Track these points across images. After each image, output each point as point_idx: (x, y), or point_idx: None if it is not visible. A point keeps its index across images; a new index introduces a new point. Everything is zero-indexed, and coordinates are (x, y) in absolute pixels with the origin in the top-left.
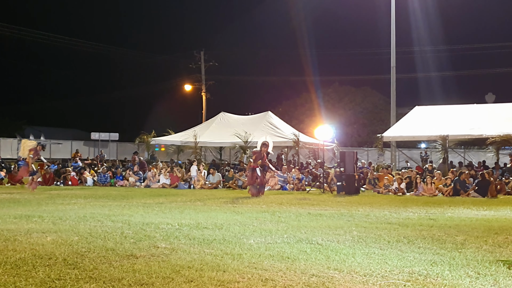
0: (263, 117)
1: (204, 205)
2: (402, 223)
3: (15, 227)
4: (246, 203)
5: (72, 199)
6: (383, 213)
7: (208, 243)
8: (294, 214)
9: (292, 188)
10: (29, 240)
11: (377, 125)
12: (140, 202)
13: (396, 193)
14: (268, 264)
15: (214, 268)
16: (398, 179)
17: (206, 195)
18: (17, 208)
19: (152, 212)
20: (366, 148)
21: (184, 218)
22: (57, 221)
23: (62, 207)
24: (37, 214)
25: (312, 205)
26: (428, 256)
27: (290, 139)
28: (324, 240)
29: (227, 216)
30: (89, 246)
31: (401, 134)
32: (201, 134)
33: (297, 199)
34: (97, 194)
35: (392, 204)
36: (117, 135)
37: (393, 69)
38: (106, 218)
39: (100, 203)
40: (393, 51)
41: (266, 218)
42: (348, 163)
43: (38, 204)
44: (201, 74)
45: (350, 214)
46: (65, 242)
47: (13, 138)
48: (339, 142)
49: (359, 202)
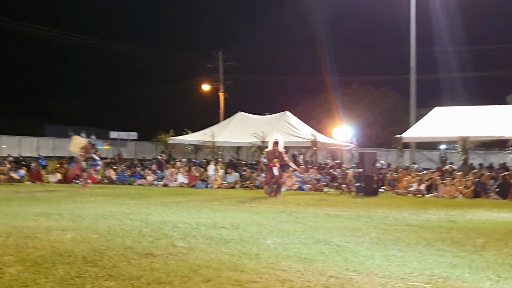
0: (281, 117)
1: (221, 205)
2: (422, 225)
3: (35, 225)
4: (263, 203)
5: (91, 197)
6: (402, 215)
7: (226, 242)
8: (312, 215)
9: (310, 188)
10: (49, 238)
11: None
12: (158, 201)
13: (415, 194)
14: (286, 265)
15: (232, 268)
16: (417, 180)
17: (223, 194)
18: (37, 206)
19: (170, 211)
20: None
21: (202, 217)
22: (77, 219)
23: (81, 205)
24: (57, 211)
25: (330, 206)
26: (448, 258)
27: (308, 140)
28: (342, 241)
29: (244, 216)
30: (108, 244)
31: (420, 135)
32: (218, 134)
33: (314, 199)
34: (116, 193)
35: (412, 206)
36: (136, 134)
37: (412, 69)
38: (125, 217)
39: (119, 202)
40: (412, 51)
41: (283, 219)
42: (367, 164)
43: (57, 201)
44: (219, 74)
45: (369, 215)
46: (84, 240)
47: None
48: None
49: (377, 204)
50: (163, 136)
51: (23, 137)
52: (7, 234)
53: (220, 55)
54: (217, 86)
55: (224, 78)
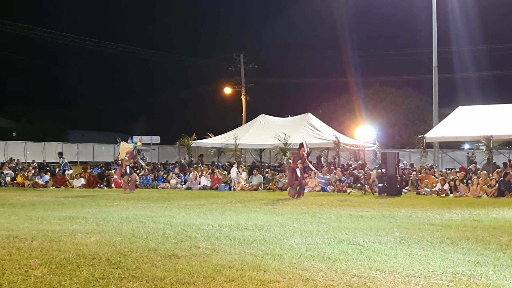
0: (303, 118)
1: (244, 207)
2: (445, 224)
3: (59, 228)
4: (286, 204)
5: (115, 201)
6: (425, 215)
7: (249, 243)
8: (335, 215)
9: (333, 189)
10: (73, 241)
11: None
12: (181, 204)
13: (439, 194)
14: (309, 265)
15: (255, 268)
16: (441, 180)
17: (246, 196)
18: (62, 210)
19: (193, 214)
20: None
21: (225, 219)
22: (101, 222)
23: (105, 209)
24: (81, 215)
25: (353, 207)
26: (472, 256)
27: (331, 141)
28: (365, 241)
29: (268, 217)
30: (132, 246)
31: (443, 135)
32: (241, 137)
33: (337, 200)
34: (139, 196)
35: (435, 206)
36: (159, 138)
37: (435, 69)
38: (148, 219)
39: (142, 205)
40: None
41: (306, 219)
42: (389, 164)
43: (82, 206)
44: (240, 77)
45: (392, 215)
46: (108, 242)
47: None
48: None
49: (401, 204)
50: (185, 139)
51: (47, 143)
52: (32, 237)
53: (242, 58)
54: (239, 89)
55: (245, 81)
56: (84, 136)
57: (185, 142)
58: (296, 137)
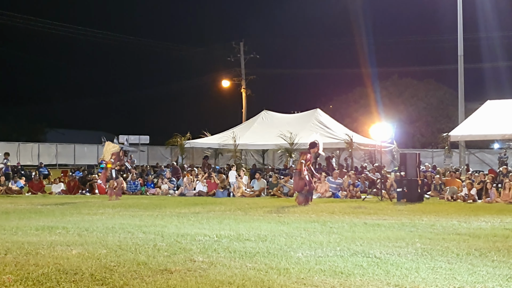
0: (311, 115)
1: (245, 215)
2: (473, 234)
3: (37, 240)
4: (292, 212)
5: (99, 208)
6: (451, 223)
7: (251, 256)
8: (348, 224)
9: (346, 195)
10: (52, 254)
11: (443, 123)
12: (174, 212)
13: (465, 200)
14: (319, 280)
15: (258, 284)
16: (468, 184)
17: (247, 203)
18: (39, 219)
19: (187, 223)
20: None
21: (224, 229)
22: (83, 232)
23: (89, 218)
24: (61, 225)
25: (368, 214)
26: (503, 270)
27: (343, 140)
28: (382, 253)
29: (272, 226)
30: (119, 260)
31: (471, 133)
32: (241, 136)
33: (351, 207)
34: (127, 204)
35: (461, 213)
36: (148, 137)
37: (460, 58)
38: (137, 229)
39: (130, 213)
40: (460, 37)
41: (316, 229)
42: (409, 166)
43: (62, 214)
44: (240, 68)
45: (413, 224)
46: (92, 255)
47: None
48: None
49: (422, 211)
50: (178, 139)
51: (21, 143)
52: (6, 250)
53: (241, 46)
54: (238, 82)
55: (246, 73)
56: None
57: (178, 142)
58: (303, 135)
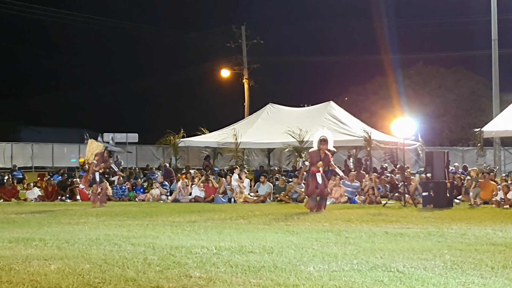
0: (323, 109)
1: (249, 224)
2: (510, 244)
3: (10, 254)
4: (303, 220)
5: (81, 217)
6: (484, 232)
7: (255, 271)
8: (367, 233)
9: (364, 200)
10: (28, 269)
11: (475, 117)
12: (167, 221)
13: (501, 205)
14: None
15: None
16: (504, 187)
17: (251, 210)
18: (13, 230)
19: (182, 233)
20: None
21: (224, 240)
22: (63, 245)
23: (69, 228)
24: (38, 236)
25: (390, 222)
26: None
27: (360, 137)
28: (406, 266)
29: (279, 237)
30: (104, 276)
31: (507, 128)
32: (243, 133)
33: (369, 214)
34: (113, 211)
35: (496, 220)
36: (137, 136)
37: (494, 42)
38: (125, 241)
39: (117, 222)
40: (494, 19)
41: (329, 239)
42: (437, 167)
43: (39, 224)
44: (242, 55)
45: (441, 233)
46: (74, 271)
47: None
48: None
49: (452, 218)
50: (171, 137)
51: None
52: None
53: (243, 31)
54: (239, 71)
55: (248, 61)
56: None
57: (171, 141)
58: (314, 132)
